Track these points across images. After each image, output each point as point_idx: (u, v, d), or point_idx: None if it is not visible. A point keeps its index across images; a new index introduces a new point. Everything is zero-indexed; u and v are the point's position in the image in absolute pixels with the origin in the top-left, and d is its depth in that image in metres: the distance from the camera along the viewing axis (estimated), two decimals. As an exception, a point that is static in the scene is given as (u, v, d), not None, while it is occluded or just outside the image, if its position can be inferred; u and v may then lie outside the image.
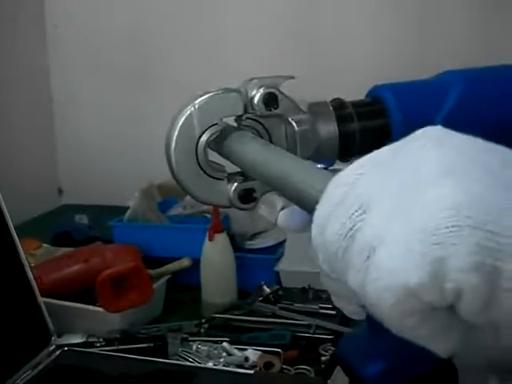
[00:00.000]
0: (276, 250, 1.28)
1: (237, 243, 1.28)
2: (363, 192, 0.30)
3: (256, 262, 1.25)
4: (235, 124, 0.54)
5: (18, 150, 1.81)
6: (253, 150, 0.48)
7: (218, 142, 0.53)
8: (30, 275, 0.92)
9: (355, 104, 0.58)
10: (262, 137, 0.54)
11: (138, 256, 1.17)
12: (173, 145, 0.53)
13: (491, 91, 0.58)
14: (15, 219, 0.99)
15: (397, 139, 0.56)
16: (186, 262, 1.22)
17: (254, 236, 1.35)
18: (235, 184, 0.53)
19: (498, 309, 0.26)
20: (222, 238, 1.18)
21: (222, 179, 0.54)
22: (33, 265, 1.20)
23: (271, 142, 0.55)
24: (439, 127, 0.33)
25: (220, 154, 0.53)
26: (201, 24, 1.79)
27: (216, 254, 1.18)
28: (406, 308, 0.27)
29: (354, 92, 0.62)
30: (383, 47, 1.65)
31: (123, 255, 1.16)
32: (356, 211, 0.29)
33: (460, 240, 0.25)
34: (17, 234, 0.93)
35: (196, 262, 1.20)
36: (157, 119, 1.79)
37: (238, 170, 0.52)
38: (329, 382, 0.71)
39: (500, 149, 0.30)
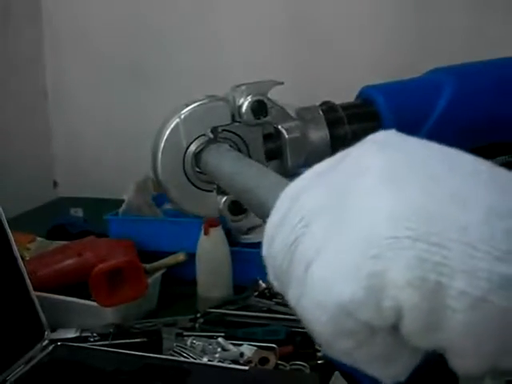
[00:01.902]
0: (272, 245, 1.27)
1: (232, 237, 1.27)
2: (306, 203, 0.28)
3: (252, 256, 1.23)
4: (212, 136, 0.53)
5: (13, 143, 1.79)
6: (224, 163, 0.47)
7: (197, 155, 0.52)
8: (23, 269, 0.91)
9: (345, 106, 0.56)
10: (239, 148, 0.53)
11: (133, 250, 1.16)
12: (159, 156, 0.51)
13: (483, 87, 0.58)
14: (10, 212, 0.98)
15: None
16: (181, 257, 1.21)
17: (249, 230, 1.34)
18: (225, 196, 0.52)
19: (445, 331, 0.23)
20: (217, 233, 1.17)
21: (211, 191, 0.53)
22: (27, 258, 1.19)
23: (249, 153, 0.53)
24: (392, 131, 0.30)
25: (198, 166, 0.52)
26: (198, 17, 1.78)
27: (211, 249, 1.17)
28: (339, 328, 0.25)
29: (351, 89, 0.61)
30: (380, 42, 1.64)
31: (117, 249, 1.15)
32: (299, 223, 0.27)
33: (398, 253, 0.23)
34: (11, 227, 0.92)
35: (191, 257, 1.19)
36: (153, 112, 1.76)
37: None
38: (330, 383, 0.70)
39: (452, 154, 0.28)
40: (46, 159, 1.99)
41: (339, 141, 0.55)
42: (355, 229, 0.25)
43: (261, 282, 1.16)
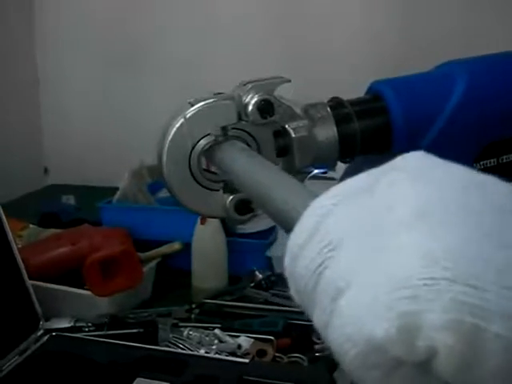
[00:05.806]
0: (268, 235, 1.26)
1: (229, 227, 1.26)
2: (334, 226, 0.27)
3: (248, 246, 1.23)
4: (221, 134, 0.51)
5: (3, 129, 1.77)
6: (239, 162, 0.46)
7: (211, 152, 0.50)
8: (18, 257, 0.90)
9: (354, 102, 0.55)
10: (249, 146, 0.52)
11: (127, 239, 1.14)
12: (164, 157, 0.50)
13: (497, 81, 0.56)
14: (0, 199, 0.96)
15: (398, 138, 0.54)
16: (176, 246, 1.20)
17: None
18: (232, 195, 0.51)
19: (479, 372, 0.23)
20: (213, 222, 1.15)
21: (218, 190, 0.52)
22: (19, 246, 1.17)
23: (259, 151, 0.52)
24: (421, 153, 0.29)
25: (212, 163, 0.51)
26: (193, 4, 1.76)
27: (207, 238, 1.16)
28: (369, 361, 0.25)
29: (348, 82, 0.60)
30: (374, 36, 1.63)
31: (112, 238, 1.13)
32: (326, 246, 0.27)
33: (435, 295, 0.23)
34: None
35: (187, 246, 1.18)
36: (146, 99, 1.77)
37: None
38: (334, 374, 0.70)
39: (486, 183, 0.27)
40: (37, 145, 1.96)
41: (348, 137, 0.54)
42: (388, 265, 0.24)
43: (257, 272, 1.15)
